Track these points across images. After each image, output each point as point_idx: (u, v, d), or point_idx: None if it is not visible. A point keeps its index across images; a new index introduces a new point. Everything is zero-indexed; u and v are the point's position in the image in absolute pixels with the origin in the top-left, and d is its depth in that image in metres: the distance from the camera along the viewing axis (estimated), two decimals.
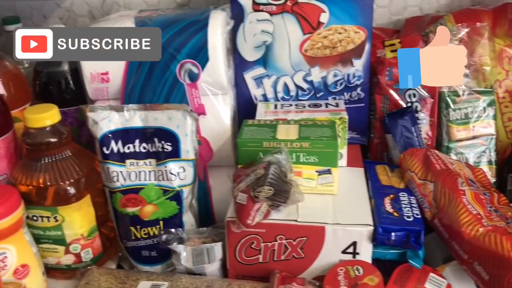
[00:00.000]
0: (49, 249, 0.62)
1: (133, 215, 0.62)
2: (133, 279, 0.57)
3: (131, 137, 0.61)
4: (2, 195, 0.54)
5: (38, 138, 0.59)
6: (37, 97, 0.71)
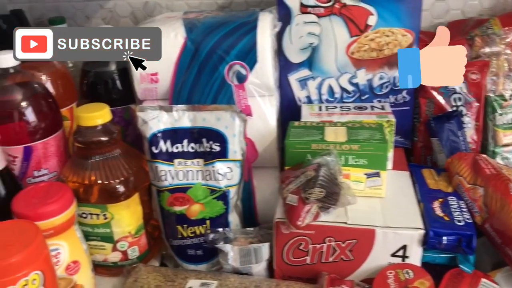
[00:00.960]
0: (96, 246, 0.63)
1: (180, 214, 0.63)
2: (182, 277, 0.58)
3: (179, 137, 0.61)
4: (57, 192, 0.56)
5: (89, 136, 0.60)
6: (84, 96, 0.72)
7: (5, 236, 0.48)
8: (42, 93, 0.62)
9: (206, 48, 0.62)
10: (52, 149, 0.63)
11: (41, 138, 0.61)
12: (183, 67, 0.63)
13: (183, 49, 0.63)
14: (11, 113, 0.60)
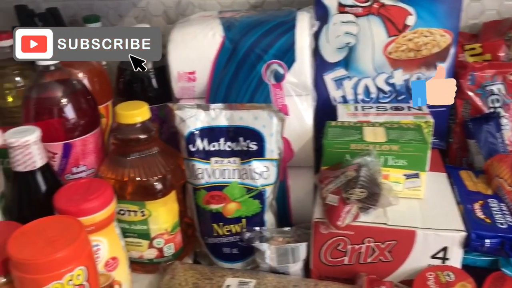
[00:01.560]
0: (133, 243, 0.63)
1: (216, 212, 0.63)
2: (219, 275, 0.58)
3: (216, 136, 0.62)
4: (98, 188, 0.56)
5: (128, 134, 0.61)
6: (120, 94, 0.73)
7: (50, 232, 0.49)
8: (81, 90, 0.63)
9: (244, 47, 0.62)
10: (90, 146, 0.64)
11: (80, 135, 0.62)
12: (221, 66, 0.63)
13: (221, 48, 0.63)
14: (51, 110, 0.60)
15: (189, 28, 0.65)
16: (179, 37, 0.64)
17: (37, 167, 0.56)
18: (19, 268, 0.46)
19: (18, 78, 0.75)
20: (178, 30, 0.65)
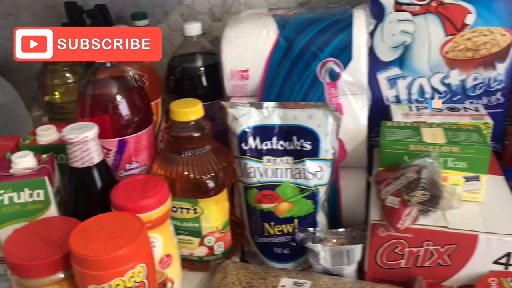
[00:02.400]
0: (184, 240, 0.63)
1: (268, 212, 0.62)
2: (273, 275, 0.58)
3: (269, 134, 0.61)
4: (155, 186, 0.56)
5: (182, 131, 0.61)
6: (170, 91, 0.73)
7: (111, 228, 0.49)
8: (136, 87, 0.63)
9: (299, 45, 0.61)
10: (144, 143, 0.64)
11: (134, 132, 0.62)
12: (274, 64, 0.63)
13: (275, 46, 0.62)
14: (107, 106, 0.61)
15: (242, 25, 0.65)
16: (232, 35, 0.64)
17: (94, 163, 0.56)
18: (81, 264, 0.47)
19: (68, 74, 0.76)
20: (231, 27, 0.65)
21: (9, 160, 0.58)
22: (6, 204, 0.54)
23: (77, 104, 0.63)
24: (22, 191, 0.54)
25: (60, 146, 0.62)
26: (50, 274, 0.50)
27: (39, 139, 0.63)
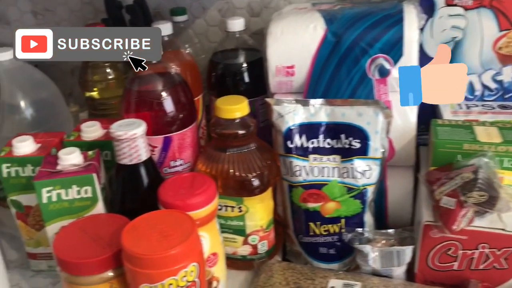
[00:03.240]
0: (228, 238, 0.63)
1: (314, 211, 0.61)
2: (321, 276, 0.57)
3: (315, 132, 0.60)
4: (202, 184, 0.55)
5: (227, 128, 0.60)
6: (211, 88, 0.72)
7: (162, 226, 0.49)
8: (181, 83, 0.62)
9: (348, 40, 0.60)
10: (188, 140, 0.63)
11: (179, 129, 0.62)
12: (322, 60, 0.61)
13: (322, 41, 0.61)
14: (152, 103, 0.60)
15: (287, 21, 0.63)
16: (278, 30, 0.63)
17: (142, 160, 0.56)
18: (133, 262, 0.46)
19: (109, 70, 0.76)
20: (277, 23, 0.64)
21: (55, 156, 0.58)
22: (54, 201, 0.54)
23: (122, 100, 0.62)
24: (70, 188, 0.54)
25: (105, 143, 0.62)
26: (100, 272, 0.49)
27: (83, 135, 0.63)
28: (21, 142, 0.60)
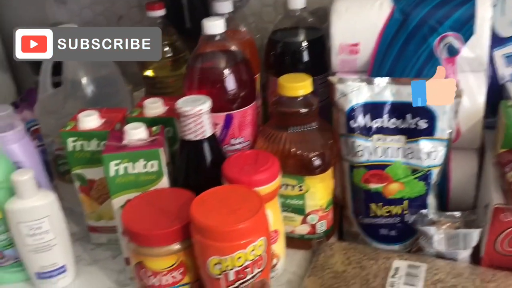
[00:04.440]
0: (286, 217, 0.62)
1: (375, 192, 0.60)
2: (384, 256, 0.56)
3: (380, 112, 0.59)
4: (266, 161, 0.55)
5: (290, 106, 0.60)
6: (269, 67, 0.72)
7: (231, 200, 0.49)
8: (243, 61, 0.62)
9: (416, 18, 0.58)
10: (249, 118, 0.63)
11: (240, 107, 0.62)
12: (388, 38, 0.60)
13: (389, 19, 0.59)
14: (215, 80, 0.60)
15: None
16: (343, 8, 0.61)
17: (206, 136, 0.56)
18: (204, 234, 0.47)
19: (168, 48, 0.76)
20: (341, 0, 0.62)
21: (121, 131, 0.59)
22: (120, 174, 0.55)
23: (185, 77, 0.63)
24: (137, 162, 0.55)
25: (167, 119, 0.63)
26: (168, 244, 0.50)
27: (146, 111, 0.64)
28: (87, 116, 0.61)
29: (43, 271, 0.59)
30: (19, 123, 0.63)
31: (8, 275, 0.62)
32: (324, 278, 0.55)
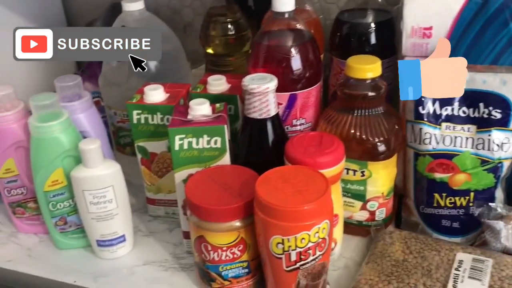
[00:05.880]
0: (346, 202, 0.61)
1: (440, 182, 0.58)
2: (447, 248, 0.54)
3: (450, 99, 0.57)
4: (331, 144, 0.54)
5: (357, 89, 0.58)
6: (334, 48, 0.70)
7: (296, 181, 0.48)
8: (310, 41, 0.61)
9: (497, 1, 0.55)
10: (312, 99, 0.62)
11: (304, 87, 0.61)
12: (464, 22, 0.57)
13: (467, 2, 0.57)
14: (281, 58, 0.59)
15: None
16: None
17: (271, 115, 0.56)
18: (268, 213, 0.46)
19: (231, 26, 0.76)
20: None
21: (185, 106, 0.59)
22: (185, 149, 0.55)
23: (251, 54, 0.62)
24: (201, 137, 0.55)
25: (230, 97, 0.63)
26: (230, 220, 0.50)
27: (210, 88, 0.64)
28: (153, 90, 0.61)
29: (103, 239, 0.61)
30: (86, 93, 0.65)
31: (69, 241, 0.64)
32: (384, 265, 0.54)
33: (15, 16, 0.87)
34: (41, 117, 0.58)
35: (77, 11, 1.03)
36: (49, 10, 0.96)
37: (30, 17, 0.89)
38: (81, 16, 1.01)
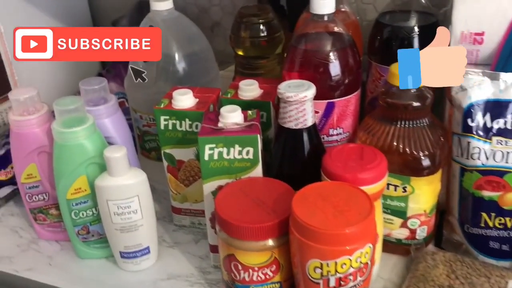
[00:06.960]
0: (385, 219, 0.57)
1: (489, 200, 0.54)
2: (497, 274, 0.50)
3: (503, 111, 0.52)
4: (373, 158, 0.50)
5: (401, 99, 0.54)
6: (373, 52, 0.66)
7: (336, 199, 0.44)
8: (350, 46, 0.57)
9: None
10: (351, 108, 0.58)
11: (343, 95, 0.57)
12: None
13: None
14: (320, 64, 0.56)
15: None
16: None
17: (307, 126, 0.52)
18: (306, 234, 0.42)
19: (263, 27, 0.72)
20: None
21: (215, 113, 0.55)
22: (215, 159, 0.52)
23: (285, 58, 0.58)
24: (233, 147, 0.51)
25: (262, 103, 0.59)
26: (264, 239, 0.47)
27: (241, 93, 0.60)
28: (182, 95, 0.58)
29: (127, 250, 0.58)
30: (112, 96, 0.62)
31: (91, 250, 0.62)
32: None
33: (41, 15, 0.85)
34: (65, 122, 0.55)
35: (102, 10, 1.01)
36: (74, 9, 0.94)
37: (56, 16, 0.87)
38: (107, 15, 0.99)
